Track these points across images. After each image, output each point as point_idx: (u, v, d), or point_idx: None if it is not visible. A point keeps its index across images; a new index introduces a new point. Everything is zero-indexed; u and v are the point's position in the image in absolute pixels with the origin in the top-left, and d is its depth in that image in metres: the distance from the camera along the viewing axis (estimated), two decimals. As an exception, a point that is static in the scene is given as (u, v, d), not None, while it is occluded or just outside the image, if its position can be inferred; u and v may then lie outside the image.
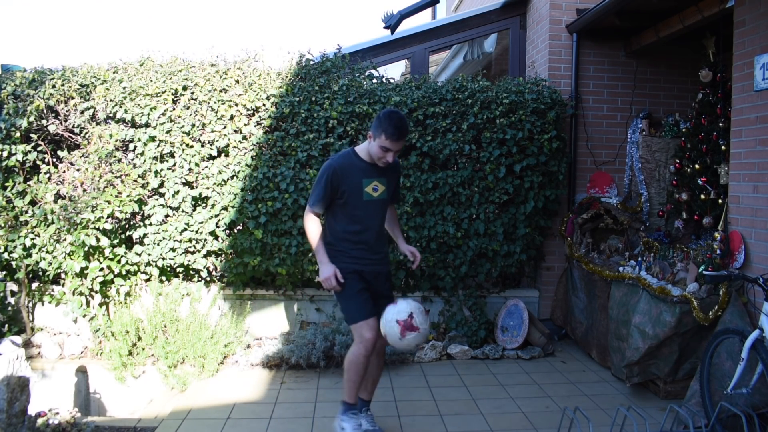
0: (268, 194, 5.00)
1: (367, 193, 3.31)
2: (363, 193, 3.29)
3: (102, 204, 4.69)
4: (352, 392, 3.41)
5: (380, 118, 3.21)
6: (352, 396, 3.42)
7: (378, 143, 3.20)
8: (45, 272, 5.08)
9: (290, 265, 5.09)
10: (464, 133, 5.14)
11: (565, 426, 3.47)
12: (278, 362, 4.72)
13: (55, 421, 3.41)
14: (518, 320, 5.19)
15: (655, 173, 5.43)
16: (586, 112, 5.67)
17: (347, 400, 3.43)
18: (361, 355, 3.30)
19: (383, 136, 3.17)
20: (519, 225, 5.28)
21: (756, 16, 3.69)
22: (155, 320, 4.87)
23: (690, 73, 5.44)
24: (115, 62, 5.34)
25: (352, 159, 3.33)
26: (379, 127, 3.18)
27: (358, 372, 3.33)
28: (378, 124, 3.19)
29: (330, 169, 3.25)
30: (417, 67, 6.22)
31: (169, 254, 5.07)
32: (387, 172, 3.39)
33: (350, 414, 3.44)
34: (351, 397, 3.43)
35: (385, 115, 3.21)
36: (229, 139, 5.05)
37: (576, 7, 5.56)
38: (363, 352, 3.29)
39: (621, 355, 4.23)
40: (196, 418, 3.84)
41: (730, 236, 3.89)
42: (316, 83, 5.17)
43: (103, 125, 5.07)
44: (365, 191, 3.30)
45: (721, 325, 3.58)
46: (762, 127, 3.65)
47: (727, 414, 3.26)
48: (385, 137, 3.16)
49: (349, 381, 3.37)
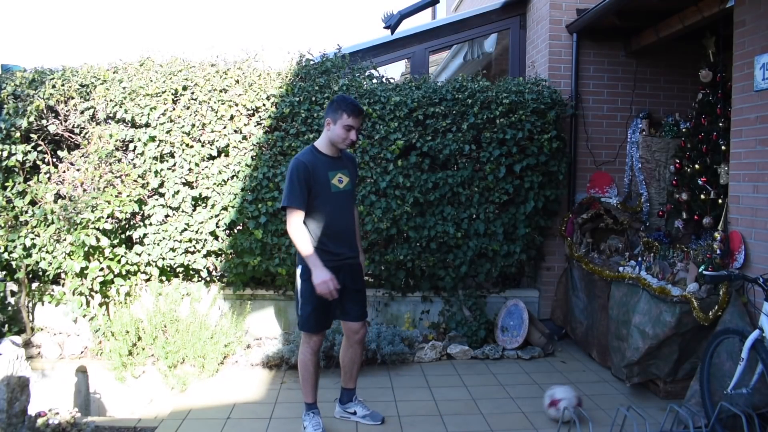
0: (268, 194, 5.00)
1: (334, 185, 3.37)
2: (330, 185, 3.36)
3: (102, 204, 4.69)
4: (308, 391, 3.53)
5: (334, 102, 3.35)
6: (309, 395, 3.54)
7: (340, 124, 3.31)
8: (45, 272, 5.08)
9: (290, 265, 5.09)
10: (464, 133, 5.14)
11: (565, 426, 3.47)
12: (278, 362, 4.72)
13: (55, 421, 3.40)
14: (518, 320, 5.19)
15: (655, 173, 5.43)
16: (586, 112, 5.67)
17: (306, 401, 3.56)
18: (308, 354, 3.46)
19: (344, 116, 3.30)
20: (519, 225, 5.28)
21: (756, 16, 3.69)
22: (155, 320, 4.87)
23: (690, 73, 5.44)
24: (115, 62, 5.34)
25: (315, 154, 3.39)
26: (337, 110, 3.32)
27: (308, 370, 3.48)
28: (335, 108, 3.33)
29: (300, 165, 3.28)
30: (417, 67, 6.22)
31: (169, 254, 5.07)
32: (347, 164, 3.50)
33: (311, 413, 3.54)
34: (309, 397, 3.54)
35: (339, 98, 3.37)
36: (229, 139, 5.05)
37: (576, 7, 5.56)
38: (309, 351, 3.46)
39: (621, 355, 4.23)
40: (196, 418, 3.84)
41: (730, 236, 3.89)
42: (316, 83, 5.17)
43: (103, 125, 5.07)
44: (332, 183, 3.37)
45: (721, 325, 3.58)
46: (762, 127, 3.65)
47: (727, 414, 3.26)
48: (347, 115, 3.30)
49: (302, 381, 3.51)
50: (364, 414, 3.73)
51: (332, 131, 3.35)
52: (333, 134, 3.35)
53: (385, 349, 4.73)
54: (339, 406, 3.79)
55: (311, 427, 3.49)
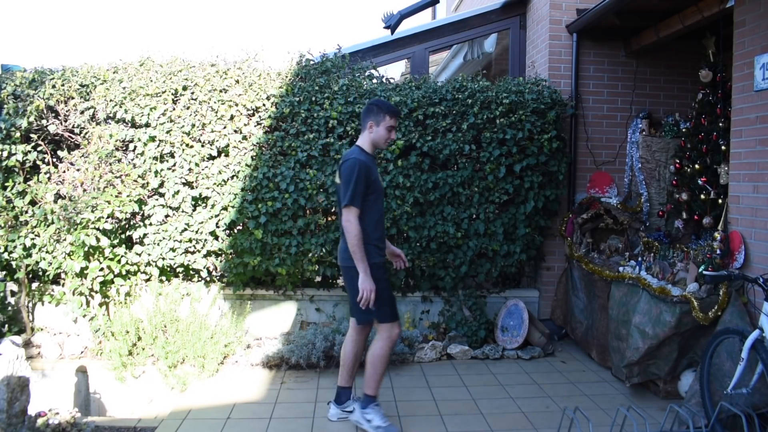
0: (268, 194, 5.00)
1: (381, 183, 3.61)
2: (380, 184, 3.59)
3: (102, 204, 4.69)
4: (378, 385, 3.59)
5: (375, 105, 3.56)
6: (376, 389, 3.59)
7: (383, 126, 3.53)
8: (45, 272, 5.07)
9: (290, 265, 5.10)
10: (464, 133, 5.14)
11: (565, 426, 3.47)
12: (278, 362, 4.72)
13: (55, 421, 3.40)
14: (518, 320, 5.19)
15: (655, 173, 5.43)
16: (586, 112, 5.67)
17: (370, 393, 3.58)
18: (388, 349, 3.54)
19: (387, 118, 3.52)
20: (519, 225, 5.27)
21: (756, 16, 3.69)
22: (155, 320, 4.87)
23: (690, 73, 5.44)
24: (115, 62, 5.33)
25: (366, 154, 3.54)
26: (379, 112, 3.53)
27: (384, 365, 3.54)
28: (376, 111, 3.53)
29: (363, 165, 3.42)
30: (417, 67, 6.22)
31: (169, 254, 5.07)
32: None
33: (373, 406, 3.57)
34: (375, 390, 3.59)
35: (377, 102, 3.60)
36: (229, 139, 5.05)
37: (576, 7, 5.56)
38: (390, 345, 3.54)
39: (621, 355, 4.23)
40: (196, 418, 3.84)
41: (730, 236, 3.89)
42: (316, 83, 5.17)
43: (103, 125, 5.07)
44: (380, 181, 3.62)
45: (721, 325, 3.58)
46: (762, 127, 3.65)
47: (727, 414, 3.26)
48: (389, 117, 3.53)
49: (376, 374, 3.55)
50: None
51: (376, 133, 3.54)
52: (377, 136, 3.55)
53: (385, 349, 4.73)
54: (336, 407, 3.78)
55: (379, 418, 3.54)
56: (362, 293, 3.34)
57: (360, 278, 3.36)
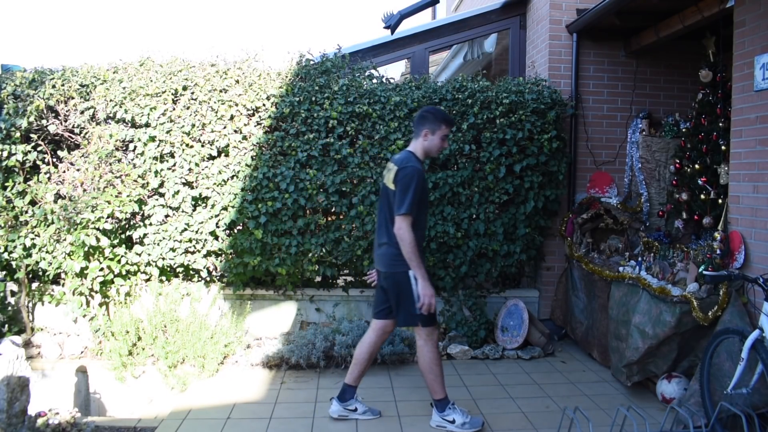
0: (268, 194, 5.00)
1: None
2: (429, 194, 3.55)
3: (102, 204, 4.69)
4: (442, 386, 3.60)
5: (431, 113, 3.51)
6: (443, 390, 3.60)
7: (439, 135, 3.51)
8: (45, 272, 5.07)
9: (290, 265, 5.10)
10: (464, 133, 5.14)
11: (565, 426, 3.47)
12: (278, 362, 4.72)
13: (55, 421, 3.41)
14: (518, 320, 5.19)
15: (655, 173, 5.43)
16: (586, 112, 5.67)
17: (441, 397, 3.59)
18: (435, 350, 3.56)
19: (443, 126, 3.51)
20: (519, 225, 5.27)
21: (756, 16, 3.69)
22: (155, 320, 4.87)
23: (690, 73, 5.44)
24: (115, 62, 5.33)
25: (420, 162, 3.52)
26: (435, 121, 3.50)
27: (438, 364, 3.56)
28: (432, 119, 3.50)
29: (422, 174, 3.44)
30: (417, 67, 6.22)
31: (169, 254, 5.07)
32: None
33: (450, 407, 3.59)
34: (443, 392, 3.60)
35: (434, 110, 3.55)
36: (229, 139, 5.05)
37: (576, 7, 5.56)
38: (435, 346, 3.56)
39: (620, 354, 4.23)
40: (196, 418, 3.84)
41: (730, 236, 3.89)
42: (316, 83, 5.17)
43: (103, 125, 5.07)
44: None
45: (721, 325, 3.58)
46: (762, 127, 3.65)
47: (727, 414, 3.26)
48: (446, 126, 3.52)
49: (437, 378, 3.57)
50: (365, 411, 3.77)
51: (430, 141, 3.52)
52: (431, 144, 3.53)
53: (384, 349, 4.73)
54: (338, 403, 3.78)
55: (459, 415, 3.56)
56: (423, 299, 3.38)
57: (420, 285, 3.40)
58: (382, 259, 3.57)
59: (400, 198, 3.36)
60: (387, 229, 3.50)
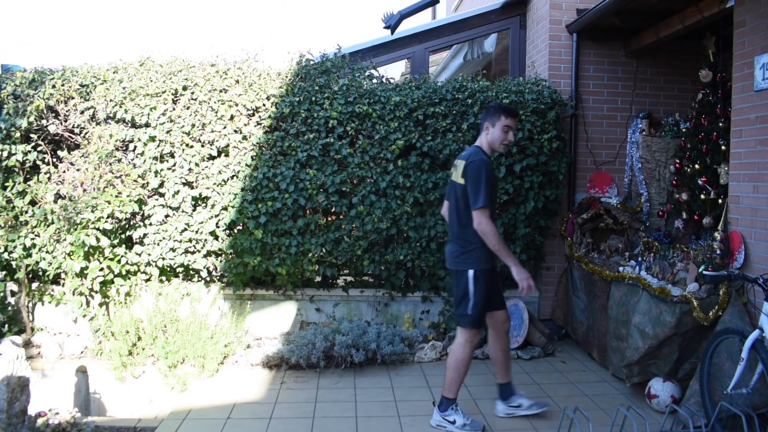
0: (268, 194, 5.00)
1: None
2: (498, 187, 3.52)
3: (102, 204, 4.69)
4: (458, 388, 3.62)
5: (491, 107, 3.57)
6: (456, 392, 3.62)
7: (499, 126, 3.51)
8: (45, 272, 5.07)
9: (290, 265, 5.10)
10: (464, 133, 5.13)
11: (565, 426, 3.47)
12: (278, 362, 4.72)
13: (55, 421, 3.41)
14: (518, 320, 5.19)
15: (655, 173, 5.43)
16: (586, 112, 5.67)
17: (451, 396, 3.61)
18: (471, 352, 3.59)
19: (502, 117, 3.50)
20: (519, 225, 5.27)
21: (756, 16, 3.69)
22: (155, 320, 4.87)
23: (690, 73, 5.44)
24: (115, 62, 5.33)
25: (486, 156, 3.54)
26: (494, 114, 3.53)
27: (466, 367, 3.59)
28: (491, 112, 3.54)
29: (490, 165, 3.46)
30: (417, 67, 6.22)
31: (169, 254, 5.07)
32: None
33: (453, 407, 3.62)
34: (455, 393, 3.62)
35: (493, 103, 3.67)
36: (229, 139, 5.05)
37: (576, 7, 5.56)
38: (472, 349, 3.59)
39: (620, 355, 4.23)
40: (196, 418, 3.84)
41: (730, 236, 3.89)
42: (316, 83, 5.17)
43: (103, 125, 5.07)
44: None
45: (721, 325, 3.58)
46: (762, 127, 3.65)
47: (727, 414, 3.25)
48: (505, 116, 3.51)
49: (459, 378, 3.59)
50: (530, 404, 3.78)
51: (492, 134, 3.54)
52: (492, 137, 3.54)
53: (385, 349, 4.73)
54: (502, 403, 3.81)
55: (461, 417, 3.58)
56: (521, 282, 3.39)
57: (514, 271, 3.41)
58: (448, 257, 3.64)
59: (474, 192, 3.38)
60: (452, 227, 3.57)
